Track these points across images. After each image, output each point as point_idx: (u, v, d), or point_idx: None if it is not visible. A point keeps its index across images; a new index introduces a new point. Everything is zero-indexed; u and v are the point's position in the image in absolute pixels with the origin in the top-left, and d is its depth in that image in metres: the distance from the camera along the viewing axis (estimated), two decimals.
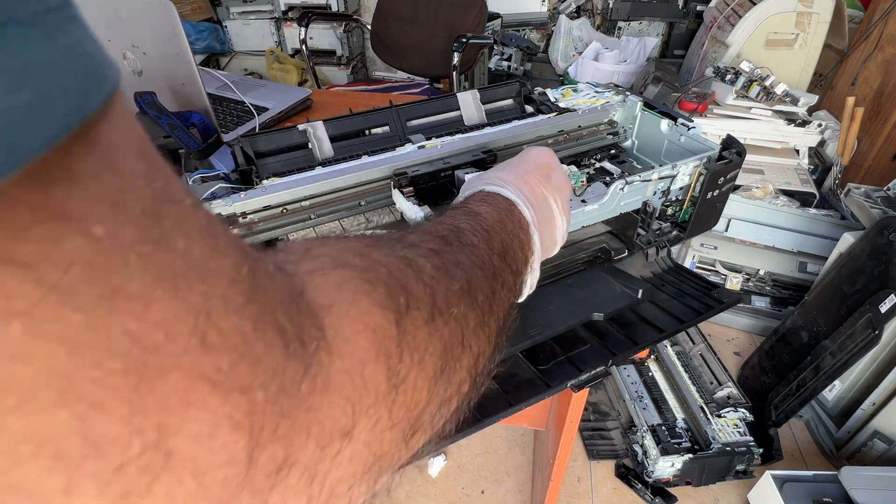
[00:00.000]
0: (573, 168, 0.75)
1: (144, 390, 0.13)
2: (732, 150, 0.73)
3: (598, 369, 0.63)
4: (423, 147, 0.72)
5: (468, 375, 0.27)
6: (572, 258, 0.76)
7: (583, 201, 0.67)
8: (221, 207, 0.59)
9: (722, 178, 0.71)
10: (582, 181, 0.71)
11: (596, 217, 0.68)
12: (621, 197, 0.68)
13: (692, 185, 0.72)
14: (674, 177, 0.70)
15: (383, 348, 0.20)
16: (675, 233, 0.76)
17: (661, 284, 0.77)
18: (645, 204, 0.72)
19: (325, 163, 0.71)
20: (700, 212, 0.74)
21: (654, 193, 0.71)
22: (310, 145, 0.73)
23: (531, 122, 0.79)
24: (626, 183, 0.67)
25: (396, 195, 0.62)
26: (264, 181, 0.65)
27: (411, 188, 0.63)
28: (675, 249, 1.23)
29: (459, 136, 0.75)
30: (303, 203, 0.65)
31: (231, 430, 0.14)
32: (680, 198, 0.74)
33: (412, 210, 0.59)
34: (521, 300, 0.40)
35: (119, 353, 0.12)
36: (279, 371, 0.16)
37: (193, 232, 0.15)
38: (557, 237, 0.46)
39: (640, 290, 0.66)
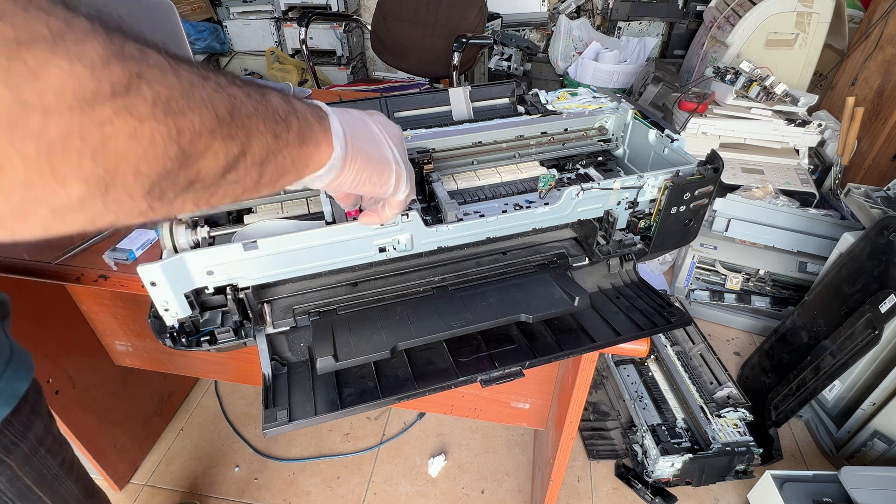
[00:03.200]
0: (553, 171, 0.74)
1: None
2: (709, 167, 0.70)
3: (513, 369, 0.63)
4: None
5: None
6: (526, 260, 0.75)
7: (545, 203, 0.67)
8: None
9: (688, 194, 0.68)
10: (550, 184, 0.69)
11: (549, 220, 0.68)
12: (577, 203, 0.67)
13: (659, 198, 0.70)
14: (640, 188, 0.68)
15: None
16: (639, 246, 0.74)
17: (615, 297, 0.75)
18: (607, 213, 0.71)
19: None
20: (664, 227, 0.71)
21: (619, 203, 0.70)
22: None
23: (512, 121, 0.79)
24: (582, 189, 0.66)
25: None
26: None
27: None
28: (675, 251, 1.22)
29: (436, 129, 0.76)
30: None
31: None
32: (649, 211, 0.72)
33: (324, 200, 0.62)
34: (315, 170, 0.43)
35: None
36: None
37: None
38: (386, 153, 0.49)
39: (577, 299, 0.65)
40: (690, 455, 1.35)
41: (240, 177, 0.34)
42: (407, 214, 0.59)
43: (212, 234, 0.60)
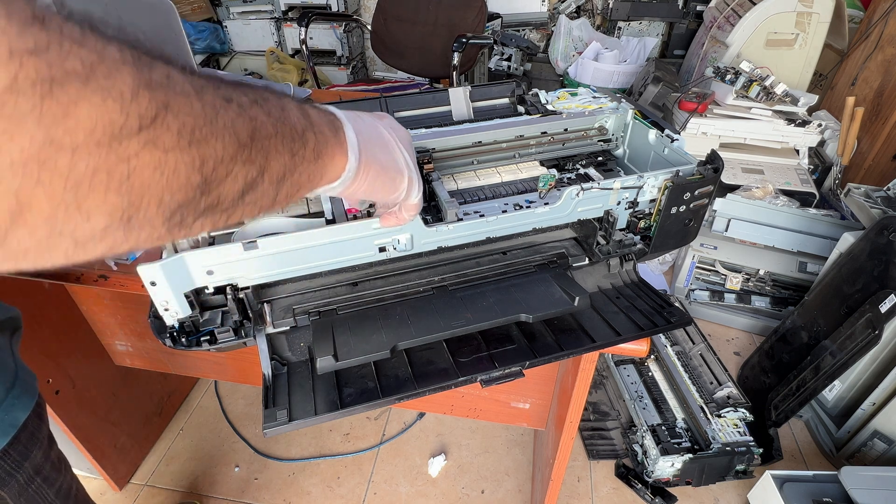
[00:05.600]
0: (553, 171, 0.74)
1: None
2: (709, 167, 0.70)
3: (513, 369, 0.63)
4: None
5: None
6: (526, 260, 0.75)
7: (545, 203, 0.66)
8: None
9: (688, 194, 0.68)
10: (550, 184, 0.69)
11: (549, 220, 0.68)
12: (577, 203, 0.67)
13: (659, 198, 0.70)
14: (640, 188, 0.68)
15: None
16: (639, 246, 0.74)
17: (615, 297, 0.75)
18: (607, 213, 0.71)
19: None
20: (664, 227, 0.71)
21: (619, 203, 0.70)
22: None
23: (512, 121, 0.79)
24: (582, 189, 0.66)
25: None
26: None
27: None
28: (675, 251, 1.20)
29: (436, 129, 0.75)
30: None
31: None
32: (650, 211, 0.72)
33: (323, 199, 0.63)
34: (329, 182, 0.43)
35: None
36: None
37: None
38: (398, 159, 0.50)
39: (577, 299, 0.65)
40: (690, 455, 1.35)
41: (257, 197, 0.34)
42: None
43: (212, 233, 0.60)
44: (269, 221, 0.64)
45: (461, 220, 0.64)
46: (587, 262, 0.76)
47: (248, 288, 0.61)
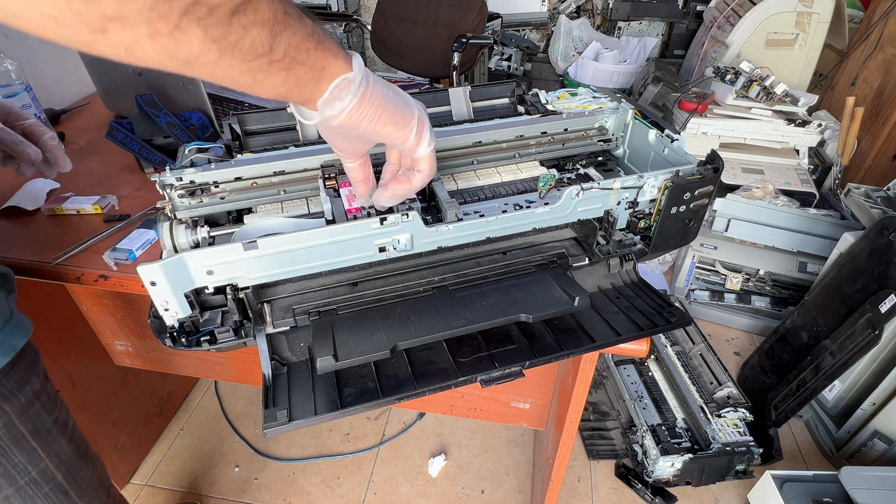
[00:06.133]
0: (553, 171, 0.74)
1: None
2: (709, 167, 0.70)
3: (513, 369, 0.63)
4: None
5: None
6: (526, 260, 0.75)
7: (545, 203, 0.66)
8: (193, 175, 0.64)
9: (688, 194, 0.68)
10: (550, 184, 0.69)
11: (549, 220, 0.68)
12: (577, 203, 0.67)
13: (659, 198, 0.70)
14: (640, 188, 0.68)
15: None
16: (639, 246, 0.74)
17: (615, 297, 0.75)
18: (607, 213, 0.71)
19: (307, 144, 0.73)
20: (664, 227, 0.71)
21: (619, 203, 0.70)
22: (297, 127, 0.75)
23: (512, 121, 0.79)
24: (582, 189, 0.66)
25: (319, 184, 0.67)
26: (238, 155, 0.69)
27: (333, 180, 0.67)
28: (675, 251, 1.19)
29: (436, 129, 0.75)
30: (272, 179, 0.68)
31: None
32: (650, 211, 0.72)
33: (324, 199, 0.63)
34: (332, 79, 0.42)
35: None
36: None
37: None
38: (407, 100, 0.49)
39: (577, 299, 0.65)
40: (690, 455, 1.35)
41: (248, 24, 0.33)
42: (407, 214, 0.59)
43: (212, 233, 0.60)
44: (270, 221, 0.64)
45: (461, 220, 0.64)
46: (587, 262, 0.76)
47: (248, 288, 0.61)
